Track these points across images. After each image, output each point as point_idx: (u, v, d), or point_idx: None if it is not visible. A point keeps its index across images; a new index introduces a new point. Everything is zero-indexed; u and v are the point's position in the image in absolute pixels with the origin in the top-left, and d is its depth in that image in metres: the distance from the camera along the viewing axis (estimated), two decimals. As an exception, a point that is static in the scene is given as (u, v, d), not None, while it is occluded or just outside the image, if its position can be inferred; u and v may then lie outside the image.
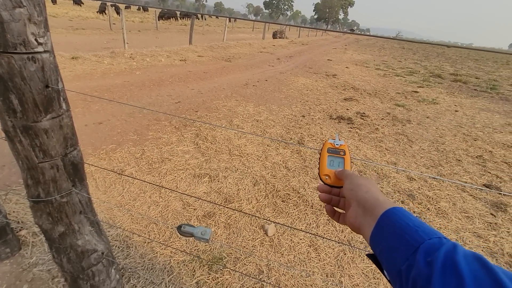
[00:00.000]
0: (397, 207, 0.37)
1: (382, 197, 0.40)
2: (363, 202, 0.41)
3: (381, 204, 0.38)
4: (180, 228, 0.75)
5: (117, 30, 12.40)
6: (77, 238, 0.92)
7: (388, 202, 0.39)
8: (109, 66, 5.48)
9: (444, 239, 0.31)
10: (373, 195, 0.41)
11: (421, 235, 0.32)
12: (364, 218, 0.40)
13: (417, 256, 0.30)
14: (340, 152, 0.54)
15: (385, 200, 0.40)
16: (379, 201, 0.39)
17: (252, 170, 2.32)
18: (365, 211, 0.40)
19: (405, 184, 2.39)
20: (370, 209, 0.39)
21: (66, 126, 0.79)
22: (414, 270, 0.29)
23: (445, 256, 0.28)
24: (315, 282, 1.38)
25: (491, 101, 6.12)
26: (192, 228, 0.75)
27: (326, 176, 0.52)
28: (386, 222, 0.36)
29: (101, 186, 1.87)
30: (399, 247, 0.33)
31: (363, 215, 0.40)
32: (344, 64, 9.78)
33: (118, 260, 1.30)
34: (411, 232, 0.33)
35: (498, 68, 14.15)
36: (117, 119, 2.99)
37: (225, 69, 6.67)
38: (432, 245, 0.30)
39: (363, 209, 0.40)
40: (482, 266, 0.26)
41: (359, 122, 3.84)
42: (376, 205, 0.39)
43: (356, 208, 0.42)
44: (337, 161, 0.54)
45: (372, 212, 0.38)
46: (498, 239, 1.85)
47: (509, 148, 3.45)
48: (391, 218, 0.36)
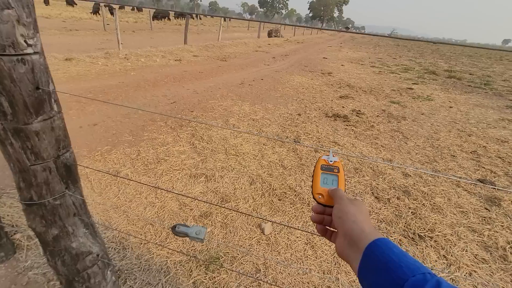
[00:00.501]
0: (381, 239, 0.37)
1: (368, 228, 0.40)
2: (349, 234, 0.40)
3: (366, 237, 0.38)
4: (174, 228, 0.75)
5: (111, 30, 12.30)
6: (71, 241, 0.92)
7: (372, 233, 0.39)
8: (103, 67, 5.44)
9: (429, 274, 0.31)
10: (359, 226, 0.40)
11: (405, 271, 0.32)
12: (351, 251, 0.39)
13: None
14: (334, 170, 0.53)
15: (370, 231, 0.39)
16: (364, 233, 0.39)
17: (248, 169, 2.32)
18: (351, 243, 0.40)
19: (400, 181, 2.41)
20: (356, 242, 0.39)
21: (57, 128, 0.79)
22: None
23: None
24: (312, 280, 1.39)
25: (485, 97, 6.19)
26: (187, 228, 0.75)
27: (319, 195, 0.51)
28: (370, 256, 0.36)
29: (97, 188, 1.86)
30: (384, 285, 0.33)
31: (349, 248, 0.40)
32: (340, 62, 9.81)
33: (114, 262, 1.30)
34: (395, 268, 0.33)
35: (492, 64, 14.29)
36: (112, 120, 2.97)
37: (221, 68, 6.65)
38: (416, 283, 0.30)
39: (349, 241, 0.40)
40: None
41: (355, 119, 3.86)
42: (361, 237, 0.39)
43: (342, 239, 0.42)
44: (330, 179, 0.53)
45: (358, 245, 0.38)
46: (492, 233, 1.87)
47: (502, 143, 3.49)
48: (375, 252, 0.36)
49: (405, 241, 1.72)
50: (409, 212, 2.00)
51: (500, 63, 15.64)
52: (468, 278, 1.50)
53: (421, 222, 1.90)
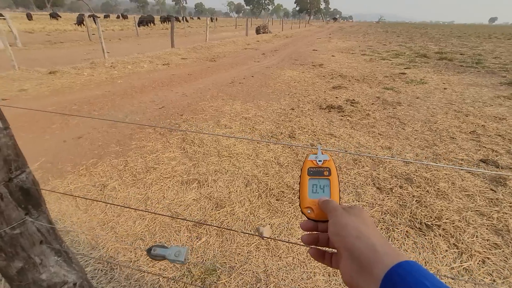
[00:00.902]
0: (404, 263, 0.27)
1: (380, 245, 0.30)
2: (356, 255, 0.30)
3: (381, 259, 0.28)
4: (150, 251, 0.65)
5: (97, 40, 12.08)
6: (40, 272, 0.81)
7: (390, 253, 0.29)
8: (89, 78, 5.30)
9: None
10: (368, 243, 0.30)
11: None
12: (362, 278, 0.29)
13: None
14: (324, 172, 0.43)
15: (385, 250, 0.29)
16: (377, 253, 0.29)
17: (243, 170, 2.22)
18: (361, 267, 0.29)
19: (401, 168, 2.32)
20: (368, 267, 0.29)
21: (5, 147, 0.68)
22: None
23: None
24: (317, 284, 1.29)
25: (478, 76, 6.12)
26: (164, 250, 0.65)
27: (309, 210, 0.41)
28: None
29: (82, 205, 1.75)
30: None
31: (360, 273, 0.30)
32: (330, 53, 9.71)
33: (101, 286, 1.20)
34: None
35: (481, 43, 14.27)
36: (97, 132, 2.85)
37: (210, 69, 6.53)
38: None
39: (357, 264, 0.30)
40: None
41: (350, 109, 3.76)
42: (374, 260, 0.29)
43: (349, 262, 0.31)
44: (321, 185, 0.42)
45: (371, 271, 0.28)
46: (502, 214, 1.79)
47: (501, 121, 3.42)
48: (398, 285, 0.25)
49: (412, 232, 1.63)
50: (413, 200, 1.91)
51: (489, 41, 15.64)
52: (482, 267, 1.41)
53: (427, 210, 1.81)
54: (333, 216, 0.36)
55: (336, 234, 0.34)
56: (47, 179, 2.01)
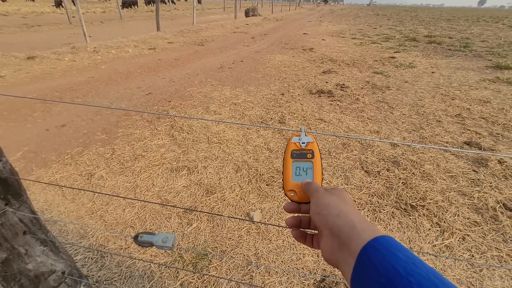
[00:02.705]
0: (379, 238, 0.28)
1: (359, 222, 0.31)
2: (336, 232, 0.31)
3: (359, 234, 0.29)
4: (136, 238, 0.64)
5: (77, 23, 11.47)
6: (25, 262, 0.80)
7: (367, 229, 0.30)
8: (70, 63, 5.06)
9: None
10: (347, 220, 0.31)
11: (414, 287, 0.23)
12: (341, 254, 0.30)
13: None
14: (307, 155, 0.43)
15: (362, 227, 0.30)
16: (355, 229, 0.30)
17: (233, 157, 2.21)
18: (341, 244, 0.31)
19: (389, 152, 2.37)
20: (346, 242, 0.30)
21: (-23, 135, 0.64)
22: None
23: None
24: (306, 264, 1.33)
25: (465, 59, 6.20)
26: (151, 236, 0.64)
27: (292, 192, 0.42)
28: (366, 263, 0.27)
29: (69, 195, 1.71)
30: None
31: (339, 250, 0.31)
32: (320, 37, 9.58)
33: (91, 273, 1.19)
34: (401, 283, 0.23)
35: (470, 26, 14.35)
36: (82, 119, 2.75)
37: (198, 53, 6.34)
38: None
39: (337, 241, 0.31)
40: None
41: (340, 94, 3.76)
42: (352, 236, 0.30)
43: (329, 240, 0.32)
44: (304, 168, 0.43)
45: (349, 246, 0.29)
46: (482, 194, 1.87)
47: (485, 104, 3.50)
48: (372, 257, 0.26)
49: (398, 213, 1.69)
50: (399, 183, 1.96)
51: (478, 24, 15.74)
52: (462, 243, 1.49)
53: (412, 191, 1.87)
54: (315, 197, 0.37)
55: (317, 213, 0.35)
56: (31, 169, 1.95)
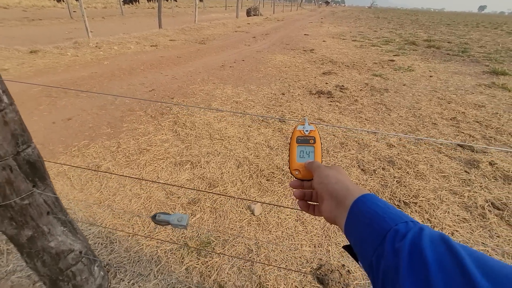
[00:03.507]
0: (366, 195, 0.36)
1: (352, 186, 0.39)
2: (335, 194, 0.40)
3: (351, 194, 0.38)
4: (154, 217, 0.72)
5: (79, 18, 11.48)
6: (48, 240, 0.87)
7: (357, 190, 0.38)
8: (73, 58, 5.11)
9: (411, 222, 0.30)
10: (343, 185, 0.40)
11: (388, 221, 0.31)
12: (338, 211, 0.39)
13: (385, 246, 0.29)
14: (310, 141, 0.52)
15: (354, 188, 0.39)
16: (349, 190, 0.38)
17: (234, 153, 2.29)
18: (338, 203, 0.39)
19: (385, 152, 2.46)
20: (342, 201, 0.38)
21: (12, 122, 0.71)
22: (383, 261, 0.28)
23: (411, 243, 0.27)
24: (304, 254, 1.41)
25: (463, 64, 6.31)
26: (168, 216, 0.71)
27: (296, 171, 0.50)
28: (356, 212, 0.35)
29: (77, 185, 1.78)
30: (368, 238, 0.32)
31: (337, 207, 0.39)
32: (321, 38, 9.66)
33: (102, 257, 1.27)
34: (378, 220, 0.32)
35: (469, 31, 14.51)
36: (87, 113, 2.82)
37: (200, 51, 6.40)
38: (398, 231, 0.29)
39: (335, 201, 0.40)
40: (448, 250, 0.25)
41: (339, 95, 3.85)
42: (346, 195, 0.38)
43: (329, 202, 0.41)
44: (307, 151, 0.51)
45: (344, 203, 0.38)
46: (472, 193, 1.96)
47: (480, 108, 3.60)
48: (360, 207, 0.35)
49: (391, 209, 1.77)
50: (394, 181, 2.05)
51: (477, 30, 15.91)
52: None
53: (405, 189, 1.95)
54: (317, 171, 0.45)
55: (320, 182, 0.44)
56: (39, 160, 2.01)
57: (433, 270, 0.24)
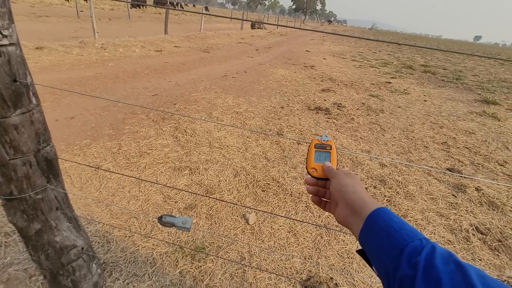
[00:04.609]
0: (382, 208, 0.41)
1: (368, 198, 0.44)
2: (351, 203, 0.44)
3: (368, 206, 0.42)
4: (161, 218, 0.77)
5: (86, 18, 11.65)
6: (54, 235, 0.91)
7: (373, 203, 0.43)
8: (78, 57, 5.19)
9: (424, 240, 0.35)
10: (360, 196, 0.45)
11: (405, 237, 0.35)
12: (353, 219, 0.43)
13: (402, 258, 0.34)
14: (327, 147, 0.59)
15: (371, 201, 0.43)
16: (365, 203, 0.43)
17: (232, 162, 2.35)
18: (353, 212, 0.43)
19: (377, 171, 2.54)
20: (358, 211, 0.43)
21: (37, 122, 0.78)
22: (399, 272, 0.33)
23: (426, 259, 0.32)
24: (294, 265, 1.46)
25: (456, 91, 6.55)
26: (173, 218, 0.77)
27: (313, 169, 0.56)
28: (372, 223, 0.40)
29: (77, 183, 1.82)
30: (386, 249, 0.36)
31: (352, 216, 0.44)
32: (322, 56, 9.94)
33: (98, 255, 1.30)
34: (396, 234, 0.36)
35: (464, 60, 15.05)
36: (90, 113, 2.87)
37: (203, 60, 6.54)
38: (415, 248, 0.34)
39: (351, 210, 0.44)
40: (457, 269, 0.30)
41: (336, 112, 3.97)
42: (363, 206, 0.43)
43: (344, 209, 0.46)
44: (323, 155, 0.58)
45: (360, 213, 0.42)
46: (458, 217, 2.04)
47: (470, 135, 3.74)
48: (377, 220, 0.40)
49: (380, 227, 1.84)
50: (384, 199, 2.12)
51: (471, 59, 16.51)
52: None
53: (395, 208, 2.03)
54: (336, 177, 0.50)
55: (338, 190, 0.48)
56: (40, 156, 2.04)
57: (445, 284, 0.29)
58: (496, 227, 1.95)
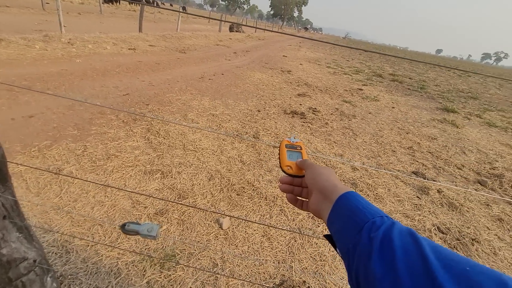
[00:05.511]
0: (351, 191, 0.41)
1: (339, 184, 0.44)
2: (323, 190, 0.45)
3: (338, 190, 0.42)
4: (124, 226, 0.72)
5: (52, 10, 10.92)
6: (1, 247, 0.81)
7: (344, 187, 0.43)
8: (41, 52, 4.81)
9: (386, 217, 0.35)
10: (332, 183, 0.45)
11: (367, 215, 0.36)
12: (324, 203, 0.43)
13: (362, 234, 0.34)
14: (297, 148, 0.59)
15: (341, 186, 0.44)
16: (336, 187, 0.43)
17: (207, 165, 2.30)
18: (325, 197, 0.44)
19: (349, 174, 2.63)
20: (329, 196, 0.43)
21: (-20, 120, 0.69)
22: (358, 247, 0.33)
23: (384, 233, 0.32)
24: (268, 269, 1.45)
25: (421, 99, 7.02)
26: (137, 226, 0.72)
27: (288, 167, 0.55)
28: (340, 205, 0.40)
29: (33, 188, 1.66)
30: (348, 228, 0.36)
31: (323, 201, 0.44)
32: (298, 61, 10.18)
33: (55, 268, 1.19)
34: (359, 213, 0.37)
35: (427, 70, 16.24)
36: (52, 112, 2.66)
37: (180, 60, 6.39)
38: (374, 223, 0.34)
39: (323, 196, 0.44)
40: (413, 240, 0.30)
41: (311, 117, 4.06)
42: (333, 191, 0.43)
43: (317, 196, 0.46)
44: (295, 155, 0.58)
45: (330, 197, 0.42)
46: (422, 217, 2.16)
47: (432, 140, 4.02)
48: (344, 201, 0.40)
49: (352, 229, 1.89)
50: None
51: (434, 70, 17.85)
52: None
53: (365, 211, 2.10)
54: (311, 168, 0.51)
55: (312, 178, 0.49)
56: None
57: (399, 255, 0.29)
58: (455, 227, 2.10)
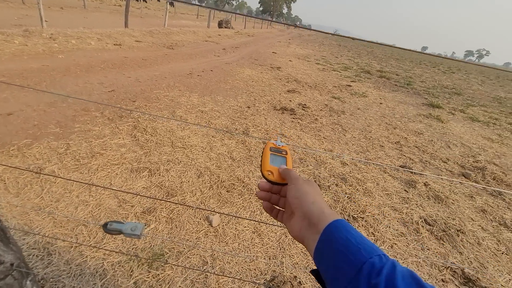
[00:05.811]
0: (340, 220, 0.37)
1: (327, 209, 0.40)
2: (308, 215, 0.40)
3: (325, 217, 0.38)
4: (106, 226, 0.69)
5: (32, 4, 10.46)
6: (-27, 251, 0.76)
7: (331, 213, 0.39)
8: (21, 47, 4.61)
9: (384, 256, 0.32)
10: (318, 207, 0.40)
11: (363, 253, 0.32)
12: (309, 232, 0.39)
13: (361, 278, 0.31)
14: (282, 152, 0.55)
15: (329, 212, 0.39)
16: (323, 214, 0.39)
17: (196, 162, 2.26)
18: (310, 224, 0.39)
19: (339, 169, 2.65)
20: (315, 223, 0.38)
21: None
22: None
23: (386, 280, 0.29)
24: (259, 266, 1.44)
25: (407, 95, 7.16)
26: (120, 225, 0.69)
27: (269, 172, 0.50)
28: (329, 238, 0.36)
29: (12, 188, 1.58)
30: (343, 267, 0.33)
31: (308, 229, 0.39)
32: (288, 58, 10.17)
33: (36, 271, 1.14)
34: (353, 250, 0.33)
35: (413, 67, 16.58)
36: (33, 110, 2.54)
37: (167, 56, 6.26)
38: (374, 266, 0.31)
39: (308, 222, 0.40)
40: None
41: (301, 113, 4.07)
42: (320, 218, 0.38)
43: (301, 220, 0.41)
44: (279, 160, 0.53)
45: (317, 226, 0.38)
46: (409, 210, 2.20)
47: (419, 135, 4.10)
48: (334, 233, 0.36)
49: (342, 223, 1.90)
50: (345, 197, 2.21)
51: (420, 66, 18.26)
52: (390, 250, 1.74)
53: (355, 205, 2.12)
54: (295, 183, 0.45)
55: (296, 197, 0.43)
56: (-35, 158, 1.75)
57: None
58: (441, 218, 2.15)
